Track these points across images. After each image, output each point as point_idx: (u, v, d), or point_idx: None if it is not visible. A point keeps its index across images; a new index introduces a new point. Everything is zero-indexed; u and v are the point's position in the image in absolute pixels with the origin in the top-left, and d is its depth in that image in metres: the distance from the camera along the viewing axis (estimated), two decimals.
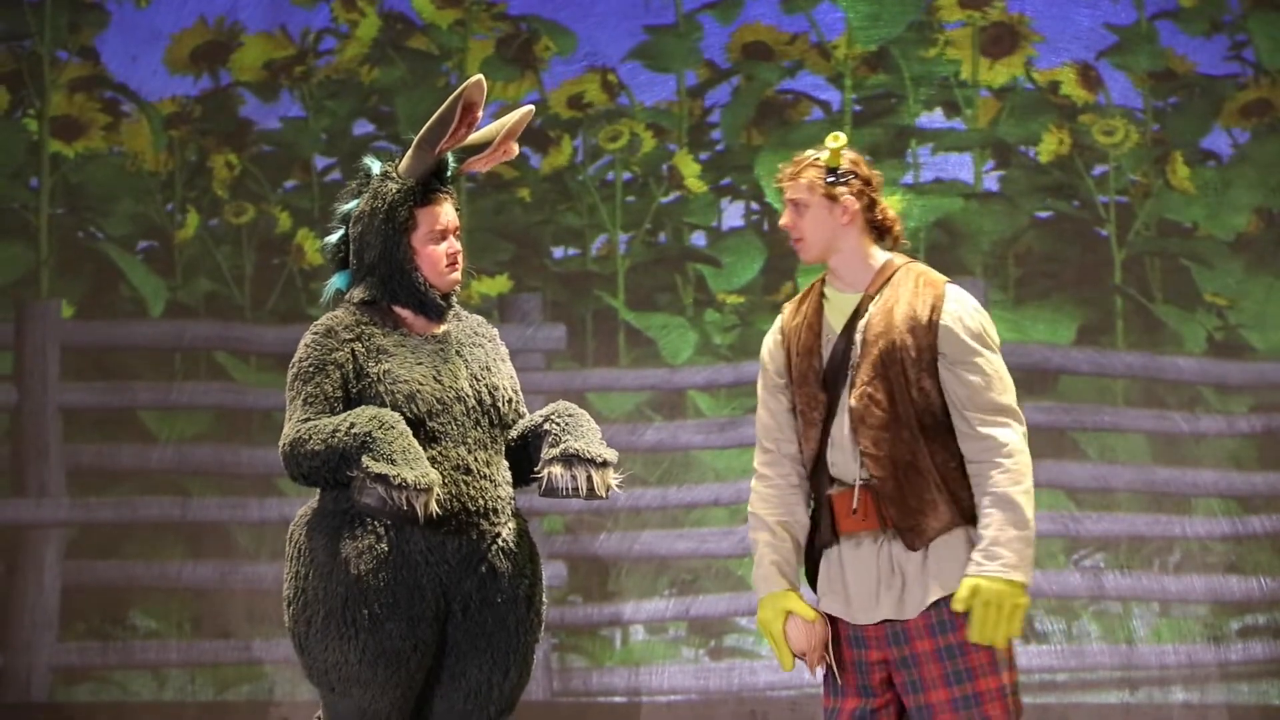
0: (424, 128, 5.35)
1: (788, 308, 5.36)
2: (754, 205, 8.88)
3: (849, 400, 5.19)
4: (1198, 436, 8.66)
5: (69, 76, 9.09)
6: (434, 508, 5.11)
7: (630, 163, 8.90)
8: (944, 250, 8.76)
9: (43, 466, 8.90)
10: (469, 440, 5.29)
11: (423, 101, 8.83)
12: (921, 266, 5.29)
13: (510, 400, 5.41)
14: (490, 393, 5.36)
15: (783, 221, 5.28)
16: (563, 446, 5.28)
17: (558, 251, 8.89)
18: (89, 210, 9.05)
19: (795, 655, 5.19)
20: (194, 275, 9.01)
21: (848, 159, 5.24)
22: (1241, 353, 8.67)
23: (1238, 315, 8.70)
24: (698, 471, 8.75)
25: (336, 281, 5.50)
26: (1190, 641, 8.59)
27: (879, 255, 5.27)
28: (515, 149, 5.48)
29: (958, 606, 5.04)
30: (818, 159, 5.26)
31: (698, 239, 8.88)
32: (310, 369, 5.28)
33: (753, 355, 8.71)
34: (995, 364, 5.15)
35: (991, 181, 8.76)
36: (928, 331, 5.13)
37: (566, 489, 5.26)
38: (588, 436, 5.32)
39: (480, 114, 5.31)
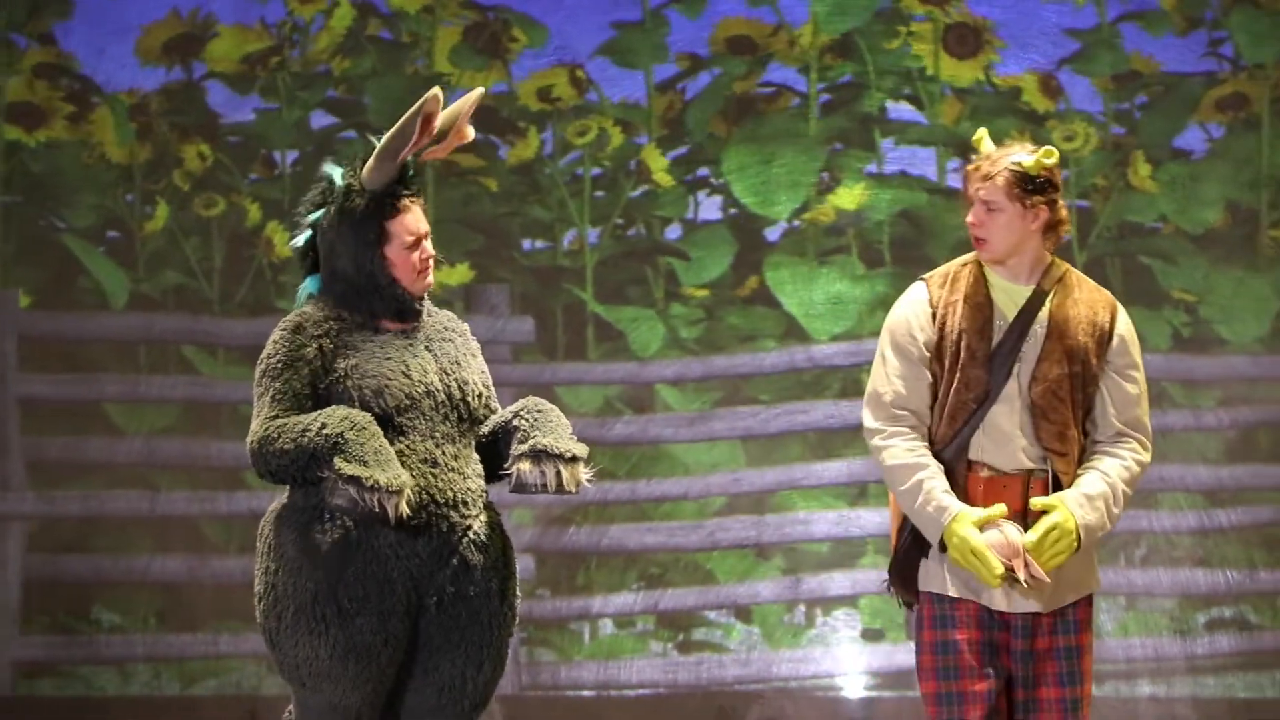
0: (385, 137, 5.35)
1: (933, 283, 5.33)
2: (722, 200, 8.88)
3: (1023, 389, 5.21)
4: (1164, 432, 8.68)
5: (30, 63, 9.02)
6: (405, 509, 5.12)
7: (599, 158, 8.88)
8: (910, 244, 8.77)
9: (3, 459, 8.84)
10: (437, 434, 5.28)
11: (392, 90, 8.81)
12: (1080, 273, 5.35)
13: (480, 395, 5.39)
14: (460, 387, 5.34)
15: (971, 220, 5.27)
16: (531, 442, 5.26)
17: (526, 244, 8.87)
18: (50, 200, 8.99)
19: (1004, 563, 5.14)
20: (160, 267, 8.96)
21: (1042, 166, 5.24)
22: (1210, 347, 8.70)
23: (1207, 309, 8.73)
24: (667, 465, 8.75)
25: (309, 286, 5.49)
26: (1156, 635, 8.61)
27: (1047, 254, 5.32)
28: (470, 132, 5.48)
29: (1037, 505, 5.12)
30: (1019, 163, 5.24)
31: (670, 232, 8.87)
32: (279, 365, 5.27)
33: (720, 349, 8.75)
34: (1144, 384, 5.28)
35: (955, 180, 8.75)
36: (1105, 339, 5.22)
37: (535, 485, 5.25)
38: (557, 431, 5.31)
39: (436, 125, 5.31)
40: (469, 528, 5.30)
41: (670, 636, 8.68)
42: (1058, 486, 5.19)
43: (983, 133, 5.35)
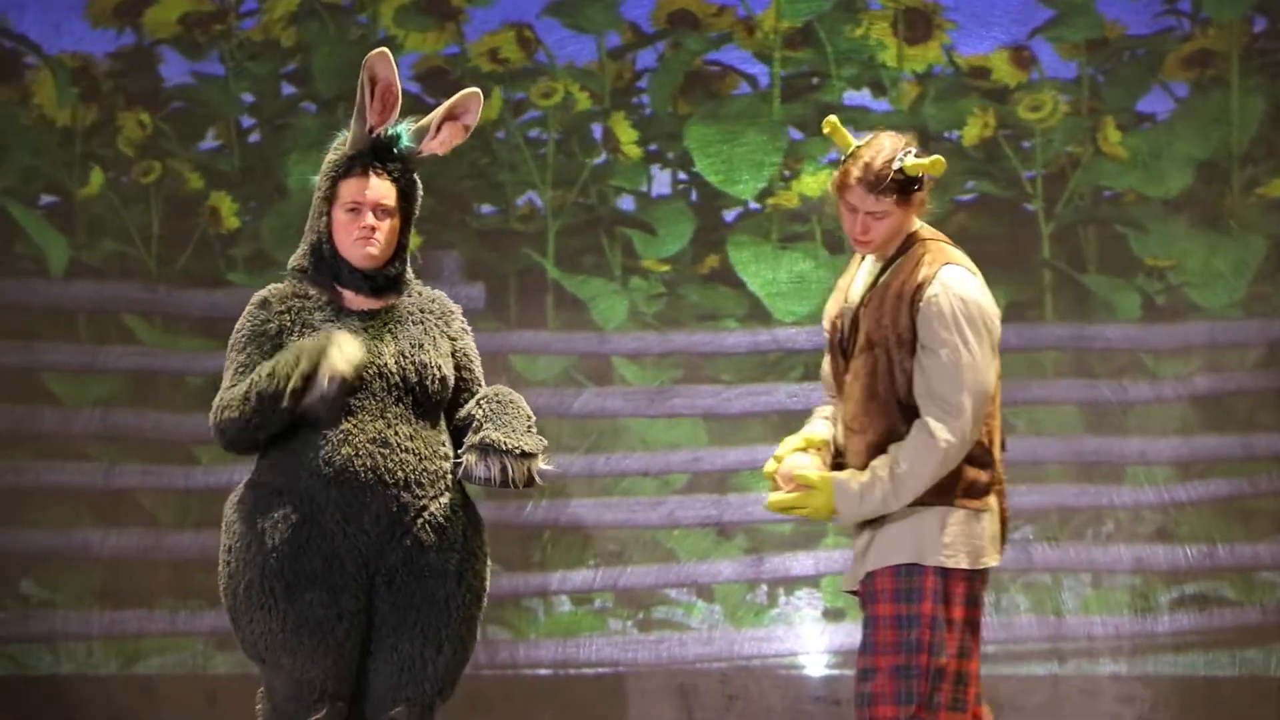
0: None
1: (850, 265, 5.39)
2: (681, 175, 8.82)
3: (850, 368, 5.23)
4: (1129, 406, 8.64)
5: None
6: (346, 369, 5.23)
7: (558, 122, 8.81)
8: None
9: None
10: (389, 415, 5.35)
11: (335, 55, 8.74)
12: (938, 244, 5.24)
13: (441, 379, 5.44)
14: (417, 370, 5.40)
15: (856, 232, 5.22)
16: (480, 435, 5.35)
17: (480, 209, 8.80)
18: None
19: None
20: (99, 234, 8.84)
21: (909, 159, 5.21)
22: (1186, 314, 8.66)
23: (1180, 275, 8.67)
24: (626, 441, 8.70)
25: None
26: (1119, 613, 8.59)
27: (915, 224, 5.26)
28: (464, 130, 5.51)
29: (804, 480, 5.20)
30: (901, 169, 5.18)
31: (623, 203, 8.83)
32: (243, 340, 5.45)
33: (680, 326, 8.75)
34: (961, 355, 5.10)
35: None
36: (910, 312, 5.12)
37: (480, 478, 5.34)
38: (511, 425, 5.37)
39: (394, 82, 5.38)
40: (424, 508, 5.37)
41: (630, 615, 8.67)
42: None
43: (834, 120, 5.27)
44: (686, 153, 8.76)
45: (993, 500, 5.21)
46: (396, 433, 5.34)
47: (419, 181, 5.54)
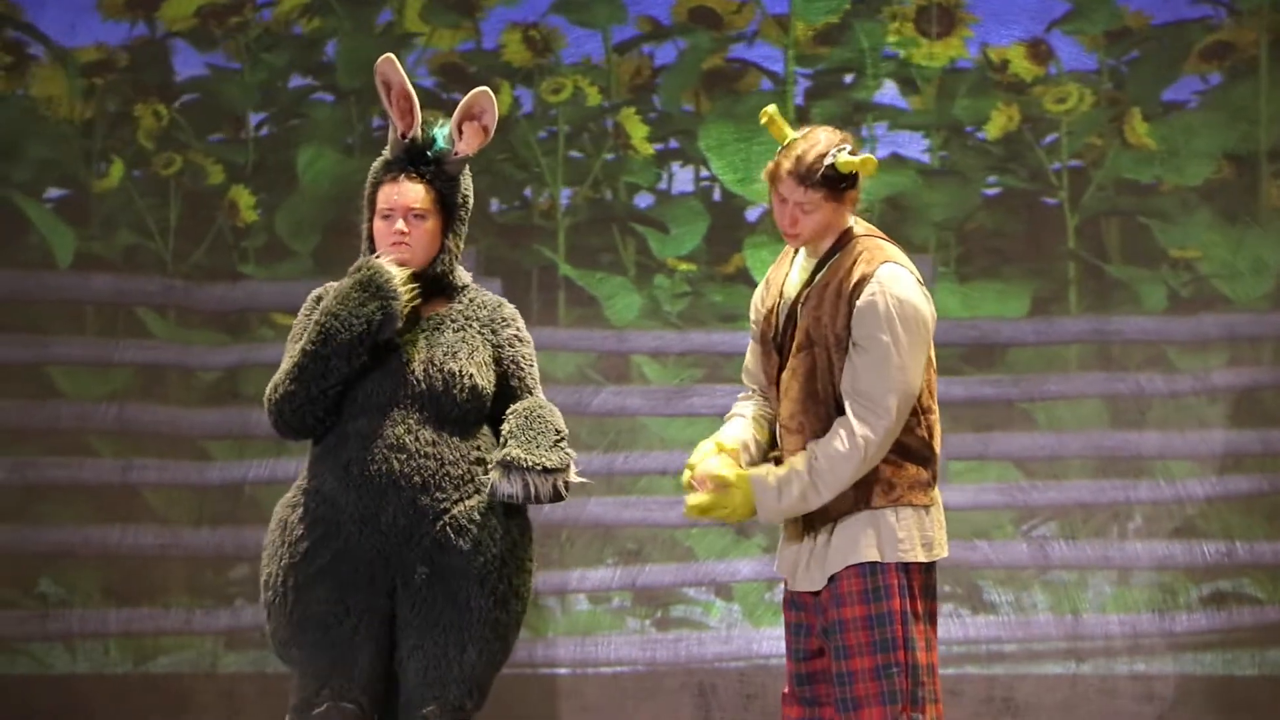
0: None
1: (781, 258, 5.38)
2: (704, 173, 8.80)
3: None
4: (1166, 397, 8.61)
5: None
6: (398, 283, 5.37)
7: (569, 118, 8.77)
8: (892, 228, 8.64)
9: None
10: (410, 420, 5.42)
11: (361, 48, 8.69)
12: (875, 241, 5.22)
13: (470, 387, 5.46)
14: (445, 379, 5.44)
15: (785, 224, 5.21)
16: (503, 452, 5.41)
17: (495, 205, 8.77)
18: None
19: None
20: (113, 227, 8.81)
21: (840, 156, 5.17)
22: (1214, 305, 8.61)
23: (1208, 265, 8.63)
24: (645, 440, 8.69)
25: None
26: (1138, 612, 8.56)
27: (848, 221, 5.24)
28: (483, 130, 5.54)
29: (723, 478, 5.19)
30: (833, 165, 5.16)
31: (640, 200, 8.80)
32: (298, 332, 5.54)
33: (702, 325, 8.73)
34: (892, 356, 5.07)
35: (940, 160, 8.73)
36: (846, 311, 5.11)
37: (504, 494, 5.38)
38: (535, 440, 5.42)
39: (405, 84, 5.45)
40: (445, 510, 5.41)
41: (648, 613, 8.66)
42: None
43: (771, 110, 5.25)
44: (703, 152, 8.74)
45: (937, 494, 5.23)
46: (417, 438, 5.41)
47: (463, 182, 5.57)
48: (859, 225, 5.25)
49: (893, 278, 5.11)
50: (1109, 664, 8.53)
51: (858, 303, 5.09)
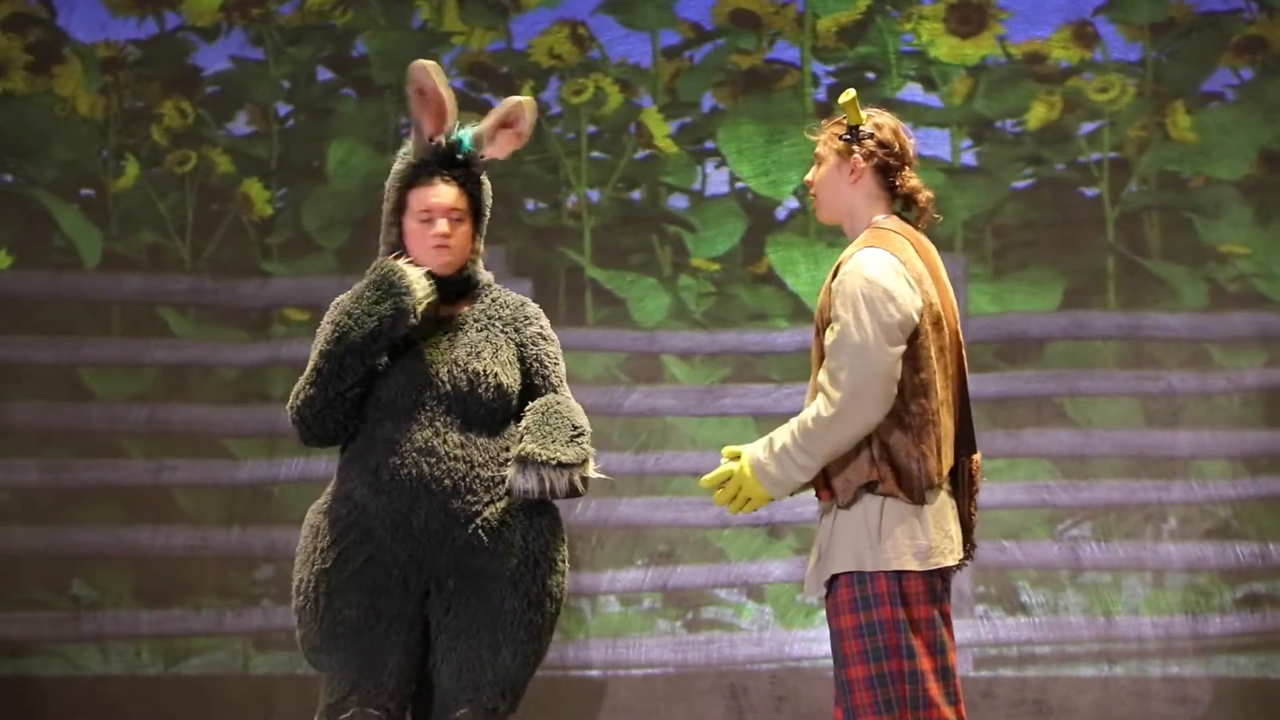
0: None
1: None
2: (736, 173, 8.80)
3: None
4: (1198, 396, 8.58)
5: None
6: (419, 288, 5.39)
7: (594, 117, 8.77)
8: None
9: None
10: (438, 423, 5.44)
11: (397, 44, 8.73)
12: (880, 231, 5.21)
13: (496, 387, 5.47)
14: (470, 379, 5.45)
15: (807, 177, 5.32)
16: (519, 448, 5.40)
17: (529, 205, 8.77)
18: (11, 156, 8.83)
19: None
20: (133, 225, 8.80)
21: (872, 121, 5.22)
22: (1251, 304, 8.58)
23: (1250, 264, 8.60)
24: (676, 440, 8.68)
25: None
26: (1172, 613, 8.54)
27: (870, 208, 5.25)
28: (518, 135, 5.58)
29: (726, 454, 5.27)
30: (843, 118, 5.25)
31: (676, 201, 8.80)
32: (321, 339, 5.54)
33: (729, 325, 8.71)
34: (851, 333, 5.07)
35: (970, 157, 8.73)
36: (827, 294, 5.16)
37: (521, 490, 5.37)
38: (551, 436, 5.40)
39: (441, 90, 5.48)
40: (477, 513, 5.41)
41: (678, 615, 8.65)
42: None
43: (852, 94, 5.26)
44: (727, 152, 8.73)
45: (942, 497, 5.16)
46: (445, 441, 5.42)
47: (487, 184, 5.58)
48: (889, 220, 5.24)
49: (869, 260, 5.12)
50: (1142, 666, 8.51)
51: (833, 285, 5.14)
